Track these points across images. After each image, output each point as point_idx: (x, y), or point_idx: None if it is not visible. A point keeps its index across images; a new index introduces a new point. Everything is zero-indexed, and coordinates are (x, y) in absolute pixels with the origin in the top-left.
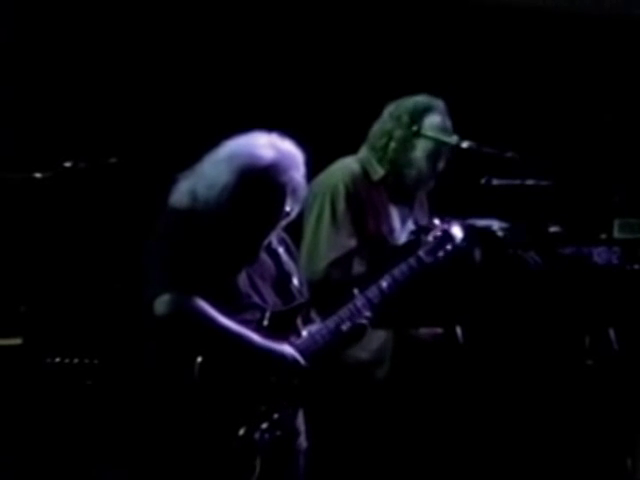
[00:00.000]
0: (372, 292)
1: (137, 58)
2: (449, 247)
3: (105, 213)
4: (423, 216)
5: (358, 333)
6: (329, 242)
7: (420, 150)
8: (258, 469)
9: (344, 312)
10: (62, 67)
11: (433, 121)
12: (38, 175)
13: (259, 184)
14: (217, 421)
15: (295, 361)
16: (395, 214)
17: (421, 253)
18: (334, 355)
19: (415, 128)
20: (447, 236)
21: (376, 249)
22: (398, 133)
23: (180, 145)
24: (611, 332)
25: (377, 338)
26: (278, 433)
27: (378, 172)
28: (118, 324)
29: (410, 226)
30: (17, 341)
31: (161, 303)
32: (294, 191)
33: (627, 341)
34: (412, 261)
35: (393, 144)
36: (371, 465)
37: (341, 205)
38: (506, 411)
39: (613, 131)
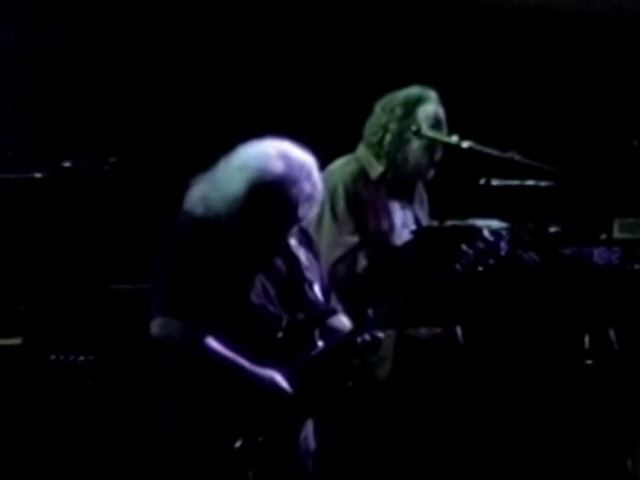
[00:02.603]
0: (399, 302)
1: (138, 58)
2: (492, 262)
3: (104, 213)
4: (424, 214)
5: (373, 346)
6: (332, 241)
7: (416, 142)
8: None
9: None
10: (62, 67)
11: (427, 111)
12: (38, 175)
13: (269, 197)
14: (214, 433)
15: (277, 390)
16: (395, 210)
17: (458, 266)
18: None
19: (415, 128)
20: (493, 250)
21: (377, 247)
22: (393, 126)
23: (180, 145)
24: (611, 332)
25: None
26: (275, 446)
27: (377, 170)
28: (117, 324)
29: (410, 221)
30: (17, 341)
31: (155, 326)
32: (308, 199)
33: (627, 341)
34: (446, 274)
35: (388, 137)
36: (372, 464)
37: (341, 205)
38: (506, 411)
39: (613, 131)
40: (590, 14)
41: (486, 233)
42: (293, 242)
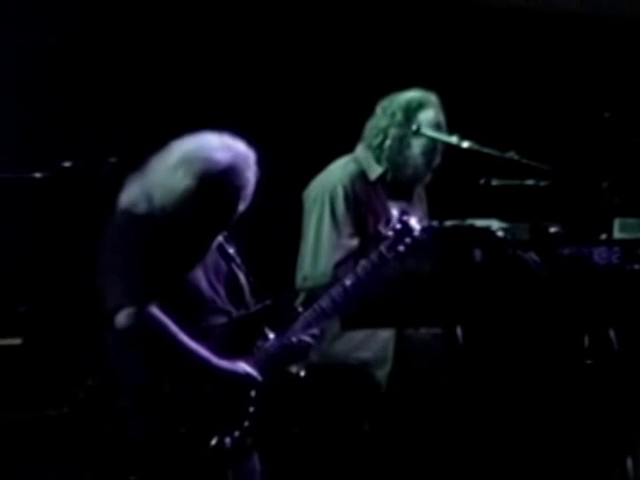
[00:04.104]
0: (336, 291)
1: (137, 58)
2: (408, 240)
3: (104, 213)
4: (423, 214)
5: (302, 351)
6: (332, 244)
7: (416, 147)
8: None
9: (309, 314)
10: (61, 67)
11: (428, 117)
12: (38, 175)
13: (218, 188)
14: (188, 431)
15: (247, 377)
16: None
17: (382, 248)
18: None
19: (415, 127)
20: (405, 229)
21: None
22: (393, 131)
23: None
24: (611, 332)
25: (379, 337)
26: (249, 441)
27: (376, 171)
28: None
29: None
30: (17, 341)
31: (122, 317)
32: (250, 189)
33: (627, 341)
34: (374, 257)
35: (389, 142)
36: (372, 465)
37: (340, 206)
38: (506, 411)
39: (612, 130)
40: (590, 14)
41: (398, 215)
42: (221, 239)
